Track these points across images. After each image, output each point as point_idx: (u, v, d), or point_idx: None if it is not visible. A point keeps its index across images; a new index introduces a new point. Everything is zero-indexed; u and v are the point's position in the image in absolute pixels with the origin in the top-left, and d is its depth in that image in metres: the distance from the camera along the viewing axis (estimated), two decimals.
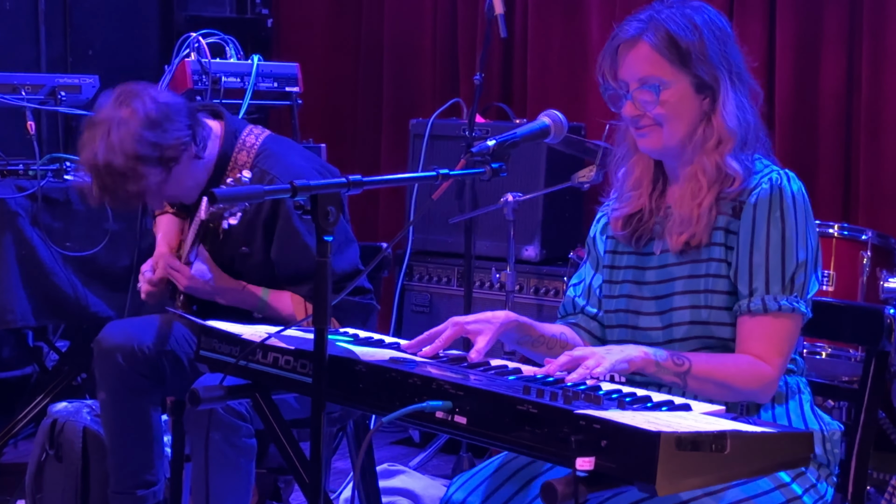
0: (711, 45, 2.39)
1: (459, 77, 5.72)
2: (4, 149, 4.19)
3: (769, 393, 2.37)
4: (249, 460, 3.09)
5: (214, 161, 3.30)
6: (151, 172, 3.12)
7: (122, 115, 3.11)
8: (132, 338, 3.27)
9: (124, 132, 3.09)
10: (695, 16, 2.41)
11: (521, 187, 4.42)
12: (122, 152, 3.08)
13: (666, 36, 2.37)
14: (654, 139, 2.43)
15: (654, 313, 2.47)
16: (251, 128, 3.39)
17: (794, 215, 2.36)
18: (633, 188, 2.54)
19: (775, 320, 2.35)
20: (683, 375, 2.30)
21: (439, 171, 2.22)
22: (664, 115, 2.40)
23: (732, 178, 2.39)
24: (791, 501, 2.32)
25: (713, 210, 2.40)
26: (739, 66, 2.44)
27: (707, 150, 2.40)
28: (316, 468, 2.08)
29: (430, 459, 4.76)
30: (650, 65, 2.38)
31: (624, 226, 2.54)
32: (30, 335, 5.05)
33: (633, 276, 2.52)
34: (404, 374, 2.08)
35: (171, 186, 3.21)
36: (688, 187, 2.43)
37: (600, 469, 1.77)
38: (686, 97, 2.40)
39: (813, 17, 4.79)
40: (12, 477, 4.19)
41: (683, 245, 2.42)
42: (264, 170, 3.26)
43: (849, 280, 4.00)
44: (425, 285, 5.08)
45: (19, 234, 3.93)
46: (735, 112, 2.40)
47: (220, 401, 2.42)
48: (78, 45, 5.42)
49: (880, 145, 4.65)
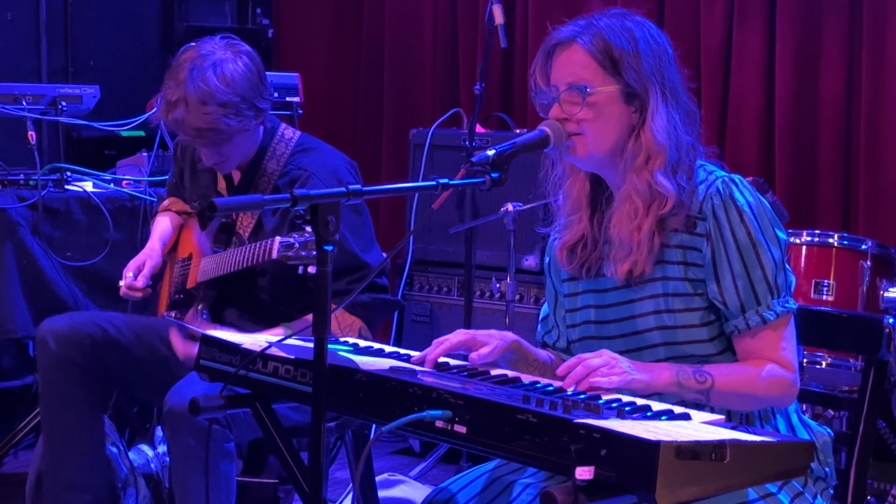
0: (646, 57, 2.35)
1: (460, 87, 5.72)
2: (5, 159, 4.20)
3: (793, 395, 2.36)
4: (229, 463, 3.08)
5: (256, 148, 3.33)
6: (247, 115, 3.19)
7: (232, 56, 3.20)
8: (73, 325, 3.28)
9: (236, 71, 3.18)
10: (634, 28, 2.37)
11: (521, 197, 4.43)
12: (233, 84, 3.16)
13: (600, 40, 2.34)
14: (579, 147, 2.37)
15: (618, 336, 2.43)
16: (284, 127, 3.43)
17: (755, 219, 2.33)
18: (572, 211, 2.49)
19: (776, 330, 2.34)
20: (707, 392, 2.29)
21: (439, 181, 2.22)
22: (589, 119, 2.34)
23: (665, 197, 2.34)
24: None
25: (655, 237, 2.35)
26: (675, 85, 2.39)
27: (637, 168, 2.35)
28: (316, 477, 2.07)
29: (430, 469, 4.75)
30: (580, 67, 2.35)
31: (569, 257, 2.49)
32: (30, 345, 5.04)
33: (593, 300, 2.48)
34: (404, 384, 2.08)
35: (238, 142, 3.24)
36: (624, 209, 2.37)
37: (600, 478, 1.76)
38: (613, 103, 2.35)
39: (812, 28, 4.79)
40: (13, 487, 4.19)
41: (626, 274, 2.37)
42: (301, 167, 3.29)
43: (849, 289, 4.00)
44: (425, 295, 5.08)
45: (20, 243, 3.94)
46: (665, 126, 2.35)
47: (221, 410, 2.42)
48: (79, 55, 5.43)
49: (880, 156, 4.65)
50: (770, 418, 2.42)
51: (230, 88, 3.15)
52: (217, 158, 3.27)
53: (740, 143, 4.93)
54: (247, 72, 3.20)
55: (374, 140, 6.04)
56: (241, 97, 3.17)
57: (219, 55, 3.19)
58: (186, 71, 3.17)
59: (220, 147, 3.23)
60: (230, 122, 3.16)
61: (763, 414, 2.41)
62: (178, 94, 3.16)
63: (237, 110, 3.16)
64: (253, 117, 3.22)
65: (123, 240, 4.14)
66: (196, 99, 3.13)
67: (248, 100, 3.18)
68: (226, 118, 3.15)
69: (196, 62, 3.17)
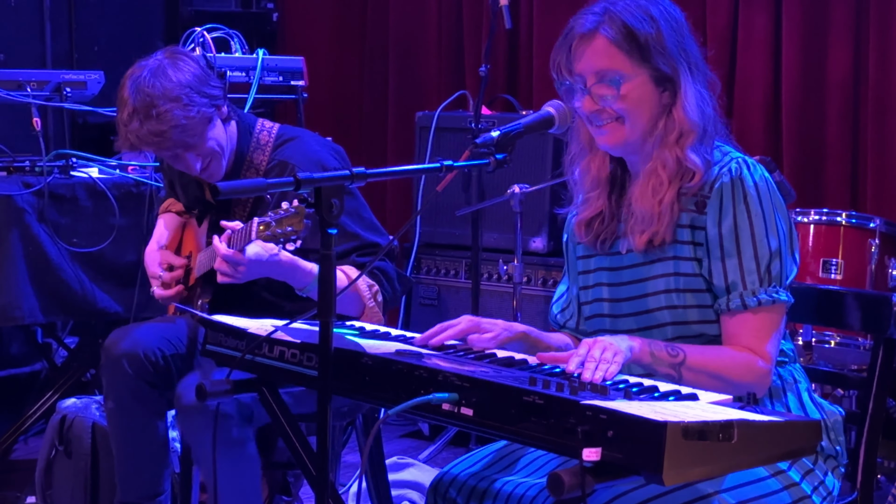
0: (669, 36, 2.34)
1: (465, 69, 5.71)
2: (10, 145, 4.20)
3: (764, 385, 2.34)
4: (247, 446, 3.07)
5: (233, 158, 3.31)
6: (200, 103, 3.17)
7: (170, 60, 3.20)
8: (138, 344, 3.26)
9: (176, 70, 3.18)
10: (650, 7, 2.36)
11: (527, 179, 4.42)
12: (176, 80, 3.16)
13: (623, 28, 2.32)
14: (615, 135, 2.37)
15: (630, 315, 2.43)
16: (262, 122, 3.40)
17: (758, 204, 2.32)
18: (591, 188, 2.49)
19: (756, 315, 2.32)
20: (678, 367, 2.28)
21: (443, 163, 2.22)
22: (625, 110, 2.34)
23: (693, 172, 2.34)
24: (800, 501, 2.31)
25: (675, 207, 2.35)
26: (696, 57, 2.39)
27: (668, 144, 2.35)
28: (322, 460, 2.07)
29: (439, 452, 4.76)
30: (608, 58, 2.33)
31: (587, 231, 2.49)
32: (39, 332, 5.05)
33: (606, 278, 2.47)
34: (410, 367, 2.07)
35: (209, 137, 3.22)
36: (648, 183, 2.37)
37: (607, 459, 1.76)
38: (646, 90, 2.34)
39: (819, 6, 4.77)
40: (22, 473, 4.20)
41: (646, 244, 2.37)
42: (284, 161, 3.27)
43: (857, 268, 3.99)
44: (433, 278, 5.07)
45: (26, 230, 3.94)
46: (696, 104, 2.35)
47: (227, 395, 2.42)
48: (83, 41, 5.42)
49: (887, 134, 4.64)
50: (781, 396, 2.41)
51: (174, 84, 3.15)
52: (201, 163, 3.25)
53: (747, 122, 4.91)
54: (187, 68, 3.20)
55: (379, 123, 6.03)
56: (188, 87, 3.16)
57: (153, 63, 3.20)
58: (128, 88, 3.18)
59: (193, 148, 3.22)
60: (186, 113, 3.15)
61: (774, 392, 2.40)
62: (127, 110, 3.17)
63: (189, 100, 3.15)
64: (209, 104, 3.20)
65: (129, 225, 4.13)
66: (145, 104, 3.14)
67: (194, 87, 3.17)
68: (180, 110, 3.14)
69: (134, 76, 3.19)
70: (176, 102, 3.14)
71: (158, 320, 3.47)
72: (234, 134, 3.32)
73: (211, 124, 3.22)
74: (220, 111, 3.26)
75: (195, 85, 3.18)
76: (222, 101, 3.26)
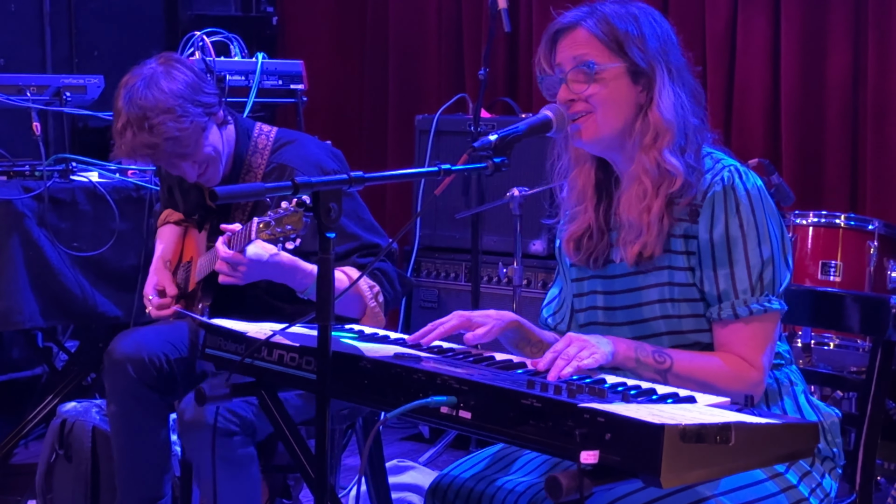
0: (650, 37, 2.35)
1: (464, 72, 5.72)
2: (10, 150, 4.20)
3: (756, 396, 2.32)
4: (250, 465, 3.08)
5: (232, 162, 3.32)
6: (194, 113, 3.16)
7: (164, 69, 3.19)
8: (142, 348, 3.26)
9: (169, 79, 3.17)
10: (638, 13, 2.37)
11: (527, 182, 4.42)
12: (169, 91, 3.14)
13: (604, 22, 2.34)
14: (588, 129, 2.36)
15: (625, 324, 2.42)
16: (260, 126, 3.40)
17: (751, 212, 2.31)
18: (577, 202, 2.49)
19: (748, 325, 2.31)
20: (664, 373, 2.28)
21: (441, 167, 2.22)
22: (597, 100, 2.33)
23: (674, 176, 2.32)
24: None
25: (665, 219, 2.34)
26: (679, 64, 2.38)
27: (645, 147, 2.34)
28: (321, 463, 2.08)
29: (439, 455, 4.76)
30: (586, 46, 2.34)
31: (576, 249, 2.48)
32: (39, 336, 5.06)
33: (600, 286, 2.47)
34: (409, 370, 2.07)
35: (204, 145, 3.22)
36: (633, 190, 2.36)
37: (605, 462, 1.76)
38: (621, 81, 2.34)
39: (818, 10, 4.78)
40: (23, 477, 4.20)
41: (637, 257, 2.36)
42: (283, 164, 3.27)
43: (856, 270, 4.00)
44: (433, 281, 5.08)
45: (26, 234, 3.94)
46: (672, 104, 2.34)
47: (226, 399, 2.42)
48: (83, 45, 5.43)
49: (887, 136, 4.64)
50: (777, 399, 2.41)
51: (167, 95, 3.14)
52: (197, 170, 3.26)
53: (747, 125, 4.92)
54: (181, 76, 3.19)
55: (379, 127, 6.03)
56: (181, 97, 3.15)
57: (147, 72, 3.19)
58: (122, 98, 3.17)
59: (188, 157, 3.22)
60: (179, 125, 3.14)
61: (771, 394, 2.40)
62: (122, 121, 3.16)
63: (183, 111, 3.14)
64: (203, 113, 3.19)
65: (129, 230, 4.14)
66: (138, 117, 3.13)
67: (188, 98, 3.17)
68: (173, 122, 3.13)
69: (128, 86, 3.18)
70: (169, 114, 3.13)
71: (161, 324, 3.47)
72: (231, 137, 3.32)
73: (206, 132, 3.22)
74: (215, 117, 3.25)
75: (188, 94, 3.17)
76: (217, 106, 3.25)
